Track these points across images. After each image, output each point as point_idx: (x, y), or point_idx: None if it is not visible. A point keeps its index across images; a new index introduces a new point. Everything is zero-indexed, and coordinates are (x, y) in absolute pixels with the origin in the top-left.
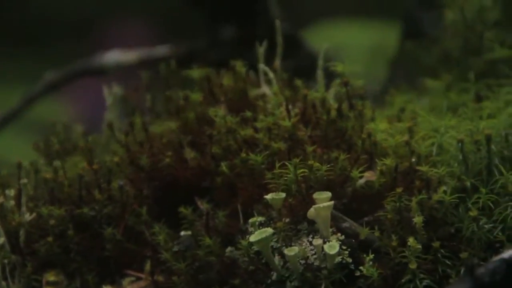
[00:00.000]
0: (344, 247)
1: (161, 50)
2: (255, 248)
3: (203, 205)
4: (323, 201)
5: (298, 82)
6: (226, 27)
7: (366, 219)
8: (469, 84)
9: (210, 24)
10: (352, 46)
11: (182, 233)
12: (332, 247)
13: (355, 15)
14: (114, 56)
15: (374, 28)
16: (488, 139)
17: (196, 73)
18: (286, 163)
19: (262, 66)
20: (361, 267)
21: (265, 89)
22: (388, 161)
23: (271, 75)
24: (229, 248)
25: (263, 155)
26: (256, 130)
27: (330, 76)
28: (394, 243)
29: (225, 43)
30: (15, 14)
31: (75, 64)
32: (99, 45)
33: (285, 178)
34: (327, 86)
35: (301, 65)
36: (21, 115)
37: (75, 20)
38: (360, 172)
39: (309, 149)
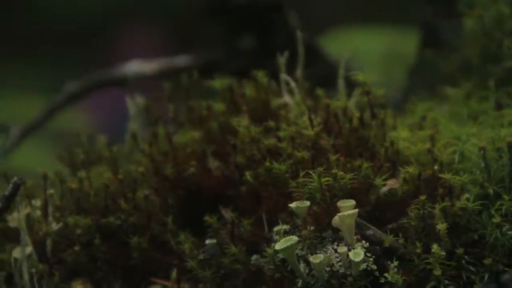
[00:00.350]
0: (368, 254)
1: (181, 60)
2: (281, 256)
3: (227, 214)
4: (348, 209)
5: (320, 92)
6: (245, 37)
7: (390, 226)
8: (489, 92)
9: (229, 34)
10: (365, 52)
11: (207, 241)
12: (357, 254)
13: (367, 22)
14: (135, 66)
15: (387, 35)
16: (510, 146)
17: (218, 83)
18: (310, 172)
19: (284, 76)
20: (386, 274)
21: (287, 98)
22: (411, 169)
23: (293, 84)
24: (254, 256)
25: (286, 164)
26: (279, 139)
27: (350, 85)
28: (418, 250)
29: (244, 53)
30: (21, 19)
31: (95, 74)
32: (110, 52)
33: (309, 187)
34: (348, 95)
35: (320, 74)
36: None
37: (86, 27)
38: (383, 180)
39: (332, 157)
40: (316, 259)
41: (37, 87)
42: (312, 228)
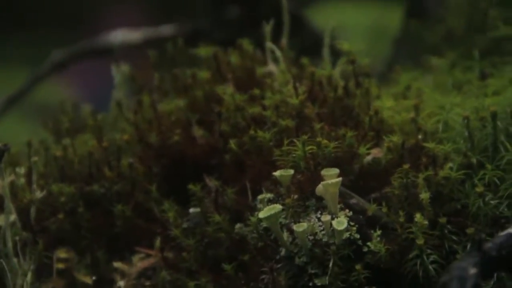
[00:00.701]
0: (352, 223)
1: (166, 29)
2: (264, 224)
3: (212, 182)
4: (331, 177)
5: (305, 60)
6: (231, 6)
7: (373, 195)
8: (474, 62)
9: (214, 4)
10: (352, 25)
11: (191, 210)
12: (340, 223)
13: None
14: (120, 35)
15: (373, 8)
16: (494, 115)
17: (203, 51)
18: (294, 140)
19: (269, 44)
20: (368, 243)
21: (272, 67)
22: (395, 138)
23: (278, 53)
24: (238, 225)
25: (271, 132)
26: (264, 107)
27: (335, 54)
28: (401, 219)
29: (230, 22)
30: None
31: (81, 43)
32: (92, 31)
33: (293, 155)
34: (333, 64)
35: (305, 44)
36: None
37: (67, 7)
38: (367, 149)
39: (317, 126)
40: (300, 227)
41: (20, 61)
42: (295, 196)
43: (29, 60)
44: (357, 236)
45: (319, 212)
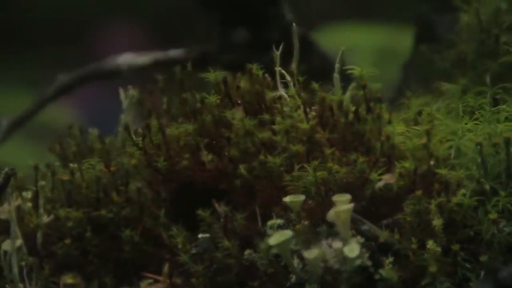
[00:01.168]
0: (363, 250)
1: (175, 52)
2: (274, 250)
3: (221, 208)
4: (343, 203)
5: (315, 85)
6: (239, 30)
7: (385, 221)
8: (485, 88)
9: (222, 27)
10: (362, 48)
11: (200, 235)
12: (352, 250)
13: (362, 17)
14: (128, 59)
15: (382, 31)
16: (507, 142)
17: (212, 76)
18: (305, 166)
19: (279, 69)
20: (380, 270)
21: (282, 92)
22: (407, 164)
23: (288, 78)
24: (247, 251)
25: (281, 157)
26: (274, 132)
27: (345, 79)
28: (413, 246)
29: (238, 46)
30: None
31: (88, 66)
32: (92, 48)
33: (304, 181)
34: (344, 90)
35: (315, 69)
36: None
37: (67, 22)
38: (379, 174)
39: (328, 151)
40: (310, 254)
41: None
42: (306, 222)
43: (29, 81)
44: (369, 263)
45: (330, 238)
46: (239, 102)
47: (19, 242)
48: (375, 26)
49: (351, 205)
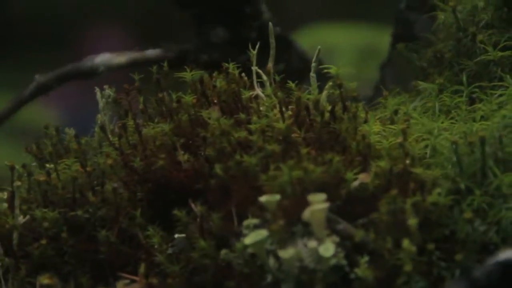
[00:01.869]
0: (339, 249)
1: (152, 52)
2: (250, 250)
3: (197, 208)
4: (318, 203)
5: (291, 85)
6: (216, 29)
7: (360, 221)
8: (462, 87)
9: (199, 27)
10: (339, 48)
11: (176, 235)
12: (327, 249)
13: (341, 17)
14: (105, 58)
15: (360, 31)
16: (482, 141)
17: (188, 75)
18: (281, 165)
19: (255, 68)
20: (356, 269)
21: (258, 91)
22: (382, 163)
23: (264, 77)
24: (223, 251)
25: (257, 157)
26: (250, 132)
27: (322, 78)
28: (388, 245)
29: (216, 45)
30: None
31: (66, 66)
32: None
33: (280, 180)
34: (320, 89)
35: (293, 68)
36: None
37: (47, 24)
38: (355, 174)
39: (304, 151)
40: (286, 253)
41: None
42: (282, 222)
43: (9, 84)
44: (344, 262)
45: (306, 238)
46: (215, 101)
47: None
48: (356, 26)
49: (326, 205)
